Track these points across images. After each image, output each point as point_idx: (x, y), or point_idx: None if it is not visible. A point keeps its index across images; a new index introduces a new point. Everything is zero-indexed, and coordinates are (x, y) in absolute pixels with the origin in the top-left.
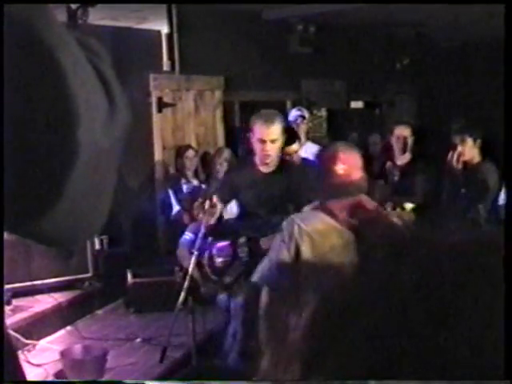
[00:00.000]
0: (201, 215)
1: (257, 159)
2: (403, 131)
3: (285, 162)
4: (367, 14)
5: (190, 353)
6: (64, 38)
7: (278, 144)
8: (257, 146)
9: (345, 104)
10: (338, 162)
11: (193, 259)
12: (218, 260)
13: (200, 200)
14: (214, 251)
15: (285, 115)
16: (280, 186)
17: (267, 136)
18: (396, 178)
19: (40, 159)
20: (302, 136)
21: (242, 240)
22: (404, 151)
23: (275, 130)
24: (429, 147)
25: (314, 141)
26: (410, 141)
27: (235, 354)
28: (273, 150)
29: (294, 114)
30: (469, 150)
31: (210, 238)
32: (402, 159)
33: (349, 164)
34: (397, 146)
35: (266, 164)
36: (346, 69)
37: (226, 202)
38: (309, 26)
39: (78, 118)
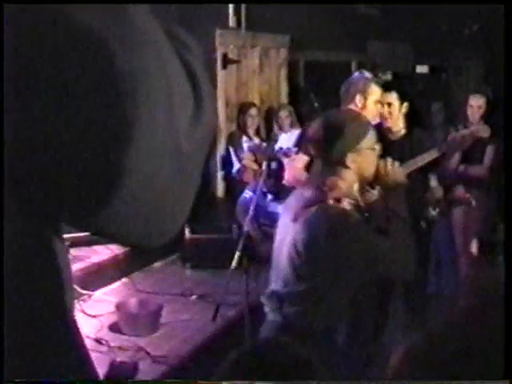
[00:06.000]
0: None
1: None
2: (478, 101)
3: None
4: None
5: (243, 312)
6: (151, 32)
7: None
8: None
9: (410, 68)
10: None
11: (248, 217)
12: None
13: None
14: None
15: (349, 76)
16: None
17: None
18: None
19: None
20: None
21: None
22: (477, 121)
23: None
24: (498, 116)
25: None
26: (483, 110)
27: None
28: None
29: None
30: None
31: (269, 197)
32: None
33: None
34: (471, 116)
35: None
36: (412, 32)
37: None
38: None
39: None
